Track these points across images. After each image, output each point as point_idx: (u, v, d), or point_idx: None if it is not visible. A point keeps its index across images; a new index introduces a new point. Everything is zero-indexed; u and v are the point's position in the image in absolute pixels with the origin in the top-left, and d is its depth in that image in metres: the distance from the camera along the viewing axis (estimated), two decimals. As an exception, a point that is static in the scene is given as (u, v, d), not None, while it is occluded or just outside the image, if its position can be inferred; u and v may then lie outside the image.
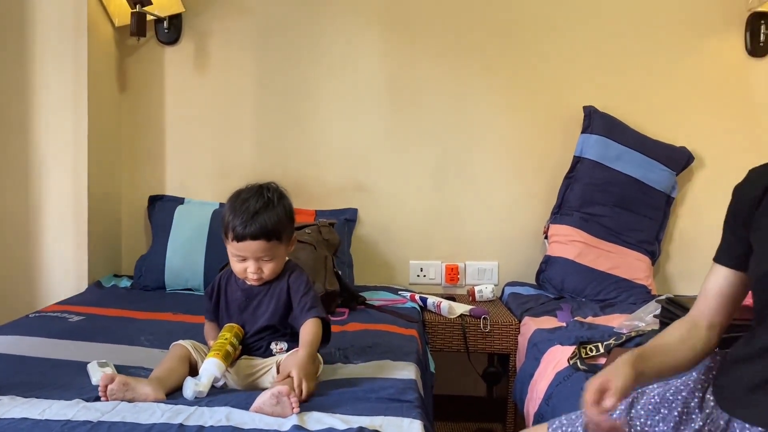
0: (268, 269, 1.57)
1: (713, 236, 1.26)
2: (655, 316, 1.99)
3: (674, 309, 1.88)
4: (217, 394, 1.44)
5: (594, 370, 1.73)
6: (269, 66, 2.88)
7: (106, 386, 1.38)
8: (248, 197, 1.56)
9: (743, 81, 2.83)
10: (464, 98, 2.86)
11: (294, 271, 1.63)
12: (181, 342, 1.61)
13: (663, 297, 2.05)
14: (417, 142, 2.88)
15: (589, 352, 1.82)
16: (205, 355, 1.53)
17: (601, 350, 1.81)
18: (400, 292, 2.68)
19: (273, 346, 1.58)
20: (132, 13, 2.65)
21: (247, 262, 1.55)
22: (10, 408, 1.32)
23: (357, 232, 2.88)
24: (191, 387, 1.41)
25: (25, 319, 2.10)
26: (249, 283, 1.60)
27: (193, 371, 1.54)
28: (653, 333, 1.77)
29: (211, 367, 1.45)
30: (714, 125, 2.83)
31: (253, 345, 1.60)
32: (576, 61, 2.84)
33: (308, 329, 1.54)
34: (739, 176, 1.25)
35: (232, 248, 1.55)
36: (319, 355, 1.61)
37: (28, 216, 2.59)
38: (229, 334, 1.55)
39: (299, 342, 1.53)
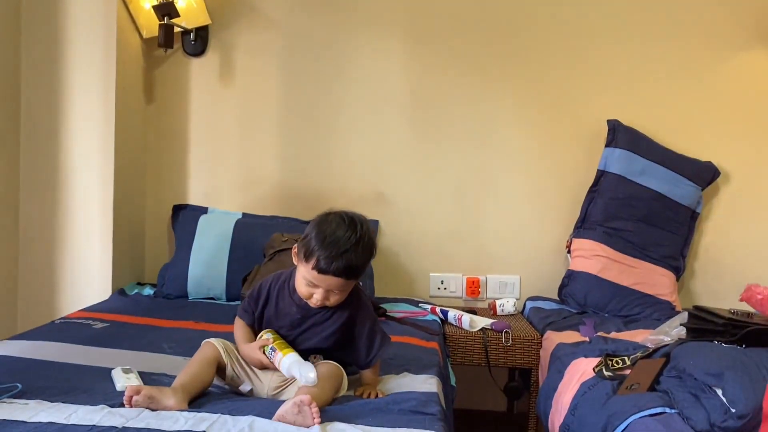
0: (335, 300, 1.55)
1: (739, 252, 1.23)
2: (682, 324, 1.96)
3: (704, 315, 1.86)
4: (240, 402, 1.45)
5: (620, 378, 1.71)
6: (293, 78, 2.91)
7: (131, 397, 1.38)
8: (338, 227, 1.49)
9: (770, 96, 2.79)
10: (487, 111, 2.86)
11: (360, 306, 1.61)
12: (212, 341, 1.57)
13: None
14: (439, 154, 2.88)
15: (615, 364, 1.79)
16: (236, 358, 1.56)
17: (628, 363, 1.78)
18: (420, 305, 2.68)
19: (311, 358, 1.57)
20: (160, 25, 2.69)
21: (317, 289, 1.52)
22: (37, 412, 1.34)
23: (378, 244, 2.86)
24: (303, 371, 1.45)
25: (51, 325, 2.13)
26: (310, 303, 1.56)
27: (221, 373, 1.55)
28: (679, 344, 1.74)
29: (308, 367, 1.47)
30: (740, 140, 2.79)
31: None
32: (600, 74, 2.83)
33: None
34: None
35: (308, 275, 1.50)
36: (343, 370, 1.60)
37: (54, 223, 2.64)
38: (278, 337, 1.57)
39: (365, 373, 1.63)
